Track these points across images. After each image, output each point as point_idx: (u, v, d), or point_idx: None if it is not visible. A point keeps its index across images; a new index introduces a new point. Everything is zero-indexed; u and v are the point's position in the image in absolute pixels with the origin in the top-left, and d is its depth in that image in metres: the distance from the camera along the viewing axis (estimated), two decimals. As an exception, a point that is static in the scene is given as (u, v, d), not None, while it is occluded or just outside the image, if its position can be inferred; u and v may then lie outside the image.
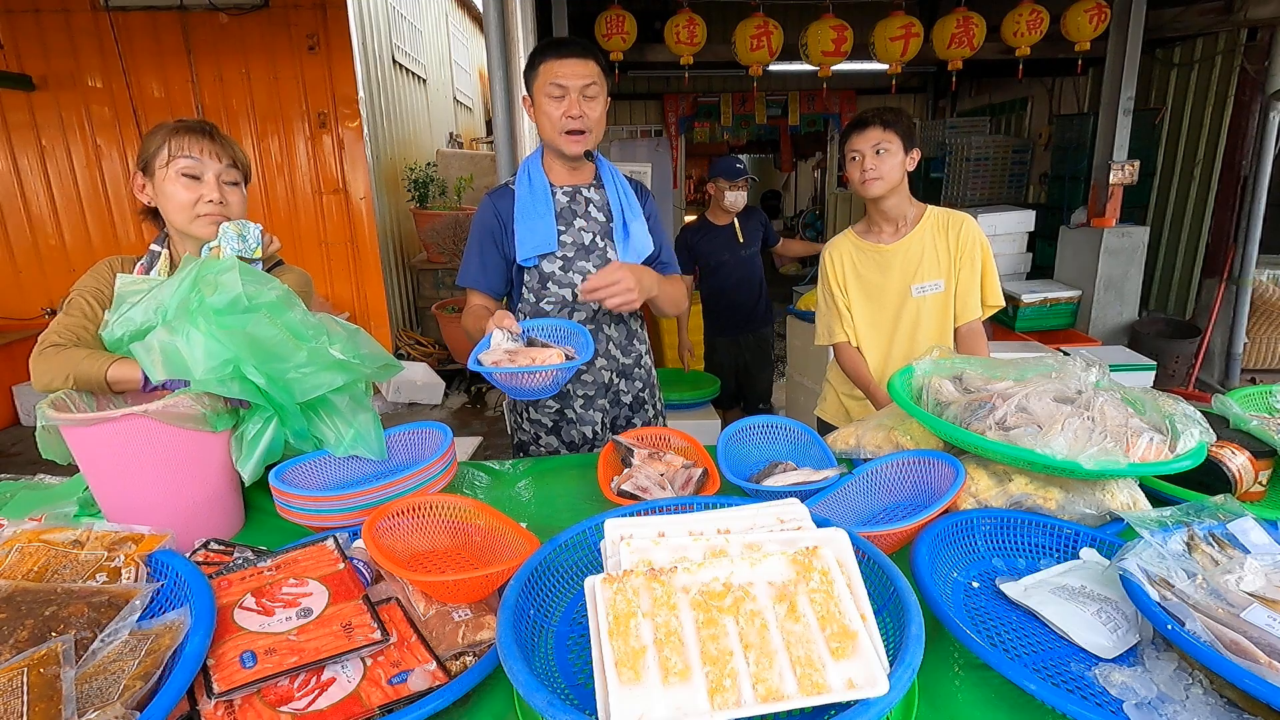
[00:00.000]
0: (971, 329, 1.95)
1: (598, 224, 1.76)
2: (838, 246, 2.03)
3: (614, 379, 1.87)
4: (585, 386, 1.85)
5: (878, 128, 1.82)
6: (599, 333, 1.80)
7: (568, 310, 1.76)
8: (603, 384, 1.85)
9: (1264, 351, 5.10)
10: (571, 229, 1.74)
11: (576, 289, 1.73)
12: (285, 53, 4.82)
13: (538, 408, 1.88)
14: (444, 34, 7.93)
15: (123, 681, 0.73)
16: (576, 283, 1.74)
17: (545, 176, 1.74)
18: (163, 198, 1.39)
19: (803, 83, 7.63)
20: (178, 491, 1.18)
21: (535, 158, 1.77)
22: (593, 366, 1.82)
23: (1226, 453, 1.23)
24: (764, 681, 0.66)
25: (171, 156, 1.36)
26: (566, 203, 1.74)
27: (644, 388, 1.95)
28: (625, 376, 1.89)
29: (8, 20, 4.60)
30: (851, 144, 1.87)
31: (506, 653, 0.72)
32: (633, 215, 1.77)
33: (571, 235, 1.74)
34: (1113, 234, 4.45)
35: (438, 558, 1.11)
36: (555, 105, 1.61)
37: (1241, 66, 4.64)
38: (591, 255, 1.75)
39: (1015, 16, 4.29)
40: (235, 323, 1.18)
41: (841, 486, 1.27)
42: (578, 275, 1.74)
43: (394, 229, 5.73)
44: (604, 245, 1.77)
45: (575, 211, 1.75)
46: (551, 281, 1.74)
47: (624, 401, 1.91)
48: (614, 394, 1.88)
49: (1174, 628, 0.77)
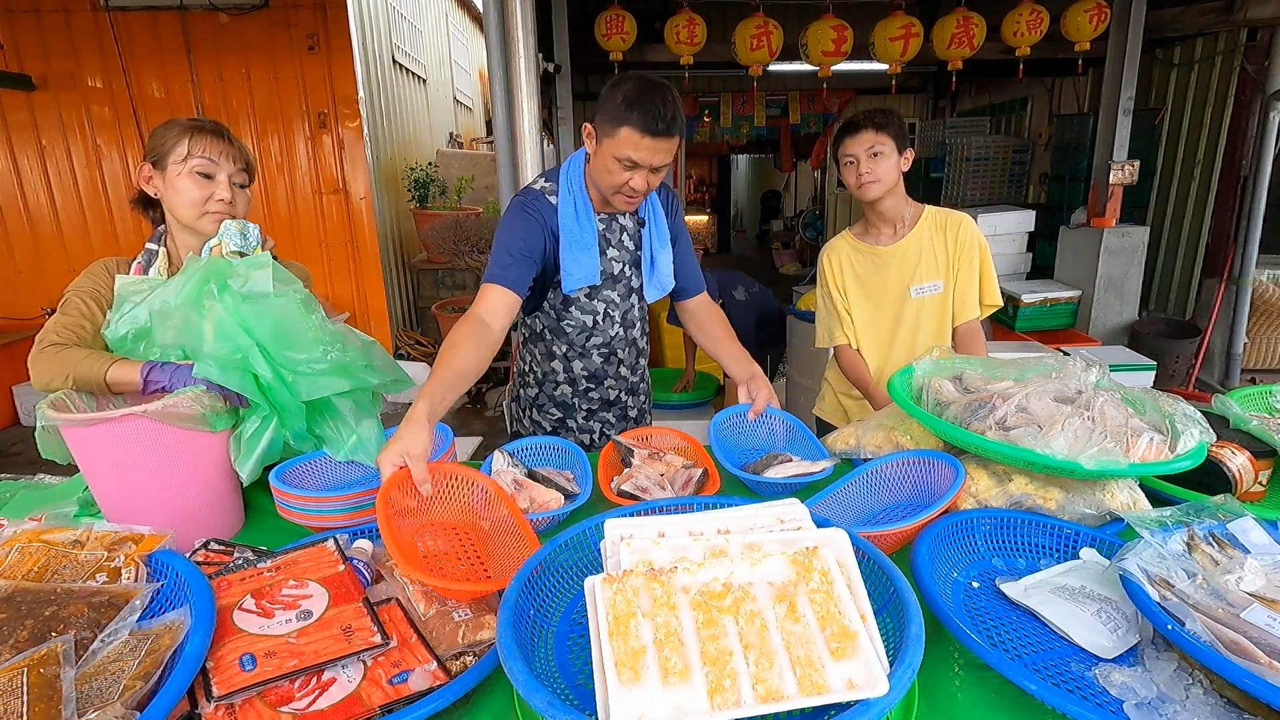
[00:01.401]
0: (970, 329, 1.95)
1: (628, 252, 1.72)
2: (835, 249, 2.03)
3: (621, 396, 1.88)
4: (590, 402, 1.86)
5: (870, 130, 1.81)
6: (612, 356, 1.81)
7: (586, 334, 1.75)
8: (609, 400, 1.87)
9: (1264, 351, 5.10)
10: (604, 258, 1.69)
11: (598, 315, 1.73)
12: (285, 53, 4.81)
13: (542, 411, 1.88)
14: (444, 34, 7.93)
15: (123, 681, 0.73)
16: (599, 310, 1.73)
17: (590, 202, 1.63)
18: (173, 192, 1.40)
19: (803, 83, 7.63)
20: (178, 491, 1.18)
21: (579, 173, 1.62)
22: (601, 385, 1.84)
23: (1226, 453, 1.23)
24: (764, 682, 0.66)
25: (190, 154, 1.38)
26: (602, 230, 1.68)
27: (645, 399, 1.99)
28: (632, 393, 1.91)
29: (8, 20, 4.60)
30: (845, 148, 1.86)
31: (506, 653, 0.72)
32: (660, 246, 1.72)
33: (603, 264, 1.69)
34: (1113, 234, 4.45)
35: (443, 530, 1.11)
36: (623, 172, 1.48)
37: (1241, 66, 4.64)
38: (618, 285, 1.73)
39: (1015, 16, 4.29)
40: (263, 305, 1.20)
41: (841, 486, 1.27)
42: (601, 303, 1.73)
43: (394, 229, 5.73)
44: (630, 275, 1.74)
45: (609, 240, 1.69)
46: (575, 306, 1.71)
47: (630, 416, 1.93)
48: (619, 409, 1.90)
49: (1174, 628, 0.77)
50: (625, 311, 1.78)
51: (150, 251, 1.44)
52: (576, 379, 1.83)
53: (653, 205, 1.72)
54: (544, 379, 1.86)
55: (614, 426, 1.90)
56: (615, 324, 1.77)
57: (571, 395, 1.85)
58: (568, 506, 1.25)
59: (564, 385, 1.84)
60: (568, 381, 1.84)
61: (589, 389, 1.84)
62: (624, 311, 1.77)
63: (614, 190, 1.52)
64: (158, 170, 1.40)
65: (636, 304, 1.80)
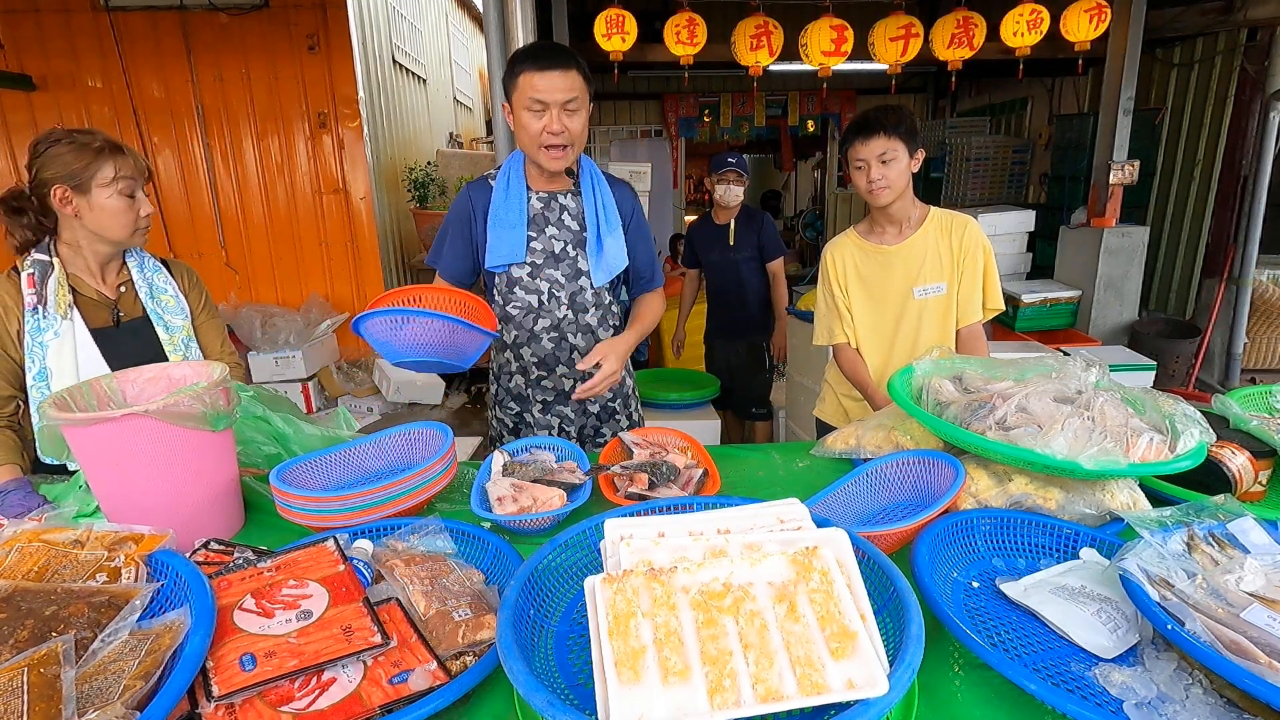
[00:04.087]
0: (972, 331, 1.95)
1: (570, 232, 1.74)
2: (839, 246, 2.02)
3: (577, 385, 1.78)
4: (544, 392, 1.84)
5: (882, 136, 1.78)
6: (563, 341, 1.78)
7: (533, 316, 1.75)
8: (563, 391, 1.84)
9: (1264, 351, 5.09)
10: (543, 236, 1.72)
11: (543, 295, 1.74)
12: (285, 53, 4.82)
13: (502, 407, 1.89)
14: (444, 34, 7.93)
15: (123, 681, 0.73)
16: (543, 289, 1.74)
17: (524, 181, 1.71)
18: (101, 213, 1.47)
19: (803, 83, 7.62)
20: (178, 491, 1.18)
21: (519, 159, 1.72)
22: (553, 374, 1.81)
23: (1226, 453, 1.23)
24: (764, 682, 0.66)
25: (117, 177, 1.46)
26: (540, 209, 1.72)
27: (614, 397, 1.91)
28: None
29: (8, 20, 4.60)
30: (856, 152, 1.83)
31: (506, 653, 0.72)
32: (609, 229, 1.74)
33: (542, 242, 1.72)
34: (1113, 234, 4.44)
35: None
36: (535, 119, 1.55)
37: (1241, 66, 4.64)
38: (561, 264, 1.73)
39: (1015, 16, 4.29)
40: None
41: (841, 486, 1.27)
42: (544, 282, 1.73)
43: (394, 229, 5.73)
44: (575, 255, 1.74)
45: (548, 219, 1.72)
46: (519, 287, 1.74)
47: (590, 411, 1.88)
48: (579, 402, 1.85)
49: (1174, 628, 0.77)
50: (573, 294, 1.76)
51: (44, 264, 1.50)
52: (528, 367, 1.81)
53: (602, 189, 1.74)
54: (499, 371, 1.88)
55: (572, 422, 1.86)
56: (562, 305, 1.75)
57: (525, 385, 1.84)
58: (568, 506, 1.25)
59: (517, 375, 1.84)
60: (520, 371, 1.83)
61: (541, 377, 1.82)
62: (571, 293, 1.76)
63: (537, 146, 1.58)
64: (77, 193, 1.45)
65: (588, 287, 1.77)
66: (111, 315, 1.58)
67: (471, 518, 1.23)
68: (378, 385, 5.18)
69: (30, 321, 1.48)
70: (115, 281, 1.61)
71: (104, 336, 1.56)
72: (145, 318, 1.61)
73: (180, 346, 1.63)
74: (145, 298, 1.61)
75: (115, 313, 1.58)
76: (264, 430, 1.50)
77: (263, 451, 1.49)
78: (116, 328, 1.58)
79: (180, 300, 1.67)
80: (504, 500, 1.25)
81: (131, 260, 1.63)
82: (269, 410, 1.50)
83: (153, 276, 1.64)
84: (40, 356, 1.48)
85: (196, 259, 5.04)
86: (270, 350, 4.85)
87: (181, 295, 1.68)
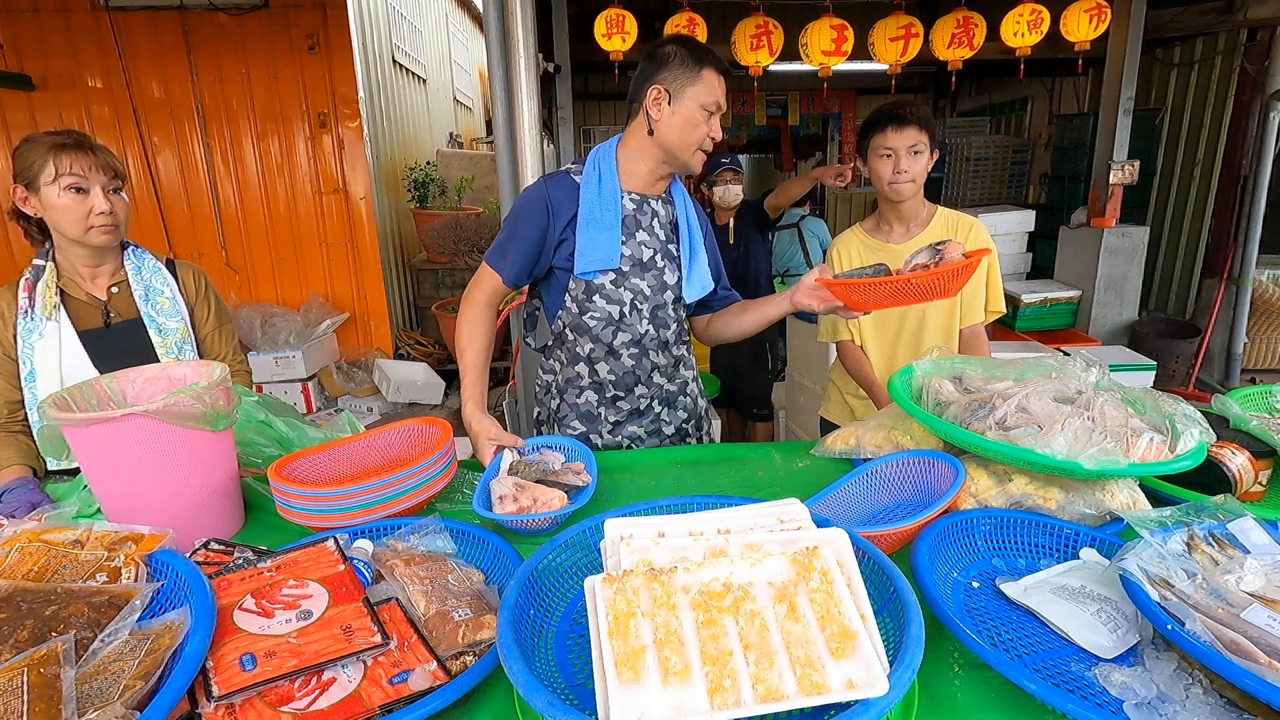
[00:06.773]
0: (974, 332, 1.95)
1: (659, 241, 1.61)
2: (846, 242, 2.02)
3: (653, 405, 1.71)
4: (618, 412, 1.69)
5: (915, 128, 1.75)
6: (644, 359, 1.65)
7: (613, 329, 1.61)
8: (637, 410, 1.69)
9: (1264, 351, 5.09)
10: (632, 241, 1.57)
11: (625, 306, 1.59)
12: (285, 53, 4.81)
13: (563, 425, 1.71)
14: (444, 34, 7.93)
15: (123, 681, 0.73)
16: (626, 300, 1.59)
17: (616, 179, 1.55)
18: (53, 211, 1.46)
19: (803, 83, 7.62)
20: (178, 491, 1.18)
21: (609, 152, 1.57)
22: (631, 394, 1.67)
23: (1226, 453, 1.23)
24: (764, 682, 0.66)
25: (59, 174, 1.44)
26: (632, 210, 1.57)
27: (689, 418, 1.79)
28: (669, 405, 1.75)
29: (8, 20, 4.59)
30: (886, 139, 1.78)
31: (506, 653, 0.72)
32: (698, 244, 1.64)
33: (631, 248, 1.57)
34: (1113, 234, 4.45)
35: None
36: (704, 121, 1.49)
37: (1241, 66, 4.64)
38: (647, 274, 1.60)
39: (1015, 16, 4.29)
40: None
41: (841, 486, 1.27)
42: (628, 292, 1.58)
43: (394, 229, 5.73)
44: (662, 265, 1.62)
45: (639, 223, 1.58)
46: (600, 295, 1.58)
47: (665, 433, 1.75)
48: (653, 421, 1.73)
49: (1174, 628, 0.77)
50: (656, 307, 1.63)
51: (37, 267, 1.51)
52: (603, 384, 1.65)
53: (686, 198, 1.66)
54: (566, 386, 1.69)
55: (644, 442, 1.72)
56: (644, 319, 1.62)
57: (597, 404, 1.67)
58: (569, 507, 1.25)
59: (589, 391, 1.67)
60: (593, 387, 1.66)
61: (617, 396, 1.66)
62: (654, 306, 1.62)
63: (696, 145, 1.50)
64: (31, 192, 1.46)
65: (670, 302, 1.65)
66: (102, 316, 1.58)
67: (471, 517, 1.24)
68: (378, 385, 5.18)
69: (22, 325, 1.50)
70: (108, 283, 1.60)
71: (92, 338, 1.56)
72: (138, 319, 1.60)
73: (173, 350, 1.61)
74: (140, 299, 1.61)
75: (106, 314, 1.58)
76: (267, 434, 1.50)
77: (265, 454, 1.48)
78: (106, 329, 1.57)
79: (178, 303, 1.65)
80: (505, 499, 1.25)
81: (130, 261, 1.62)
82: (272, 415, 1.50)
83: (150, 278, 1.63)
84: (30, 358, 1.50)
85: (196, 259, 5.04)
86: (270, 350, 4.85)
87: (181, 298, 1.67)
